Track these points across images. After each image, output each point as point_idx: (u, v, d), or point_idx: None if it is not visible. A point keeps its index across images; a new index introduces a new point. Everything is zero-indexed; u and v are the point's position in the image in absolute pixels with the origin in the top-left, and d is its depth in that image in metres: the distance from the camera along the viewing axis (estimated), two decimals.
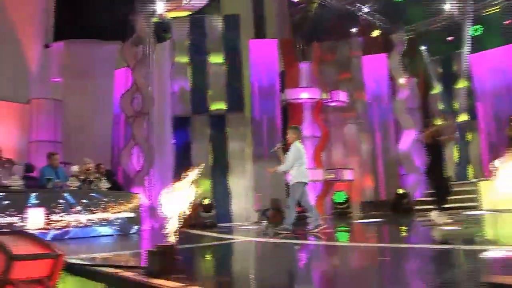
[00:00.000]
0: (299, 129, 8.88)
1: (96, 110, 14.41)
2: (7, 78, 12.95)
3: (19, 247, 3.22)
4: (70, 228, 8.59)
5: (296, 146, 8.29)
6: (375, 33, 18.17)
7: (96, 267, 4.20)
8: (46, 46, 14.74)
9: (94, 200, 9.13)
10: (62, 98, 14.13)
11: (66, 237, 8.48)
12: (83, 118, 14.02)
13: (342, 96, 16.28)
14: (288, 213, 8.28)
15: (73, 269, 4.11)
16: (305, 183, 8.36)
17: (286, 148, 8.45)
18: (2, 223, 7.49)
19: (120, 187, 11.27)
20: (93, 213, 9.02)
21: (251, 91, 14.52)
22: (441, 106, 18.76)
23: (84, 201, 8.92)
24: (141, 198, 10.61)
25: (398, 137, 17.19)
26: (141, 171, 12.69)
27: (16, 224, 7.69)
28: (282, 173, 8.49)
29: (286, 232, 8.02)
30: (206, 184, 13.41)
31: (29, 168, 10.20)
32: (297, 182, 8.18)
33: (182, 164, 13.38)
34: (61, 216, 8.44)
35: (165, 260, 3.72)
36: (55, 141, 13.45)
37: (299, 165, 8.23)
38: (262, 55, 14.79)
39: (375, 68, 17.43)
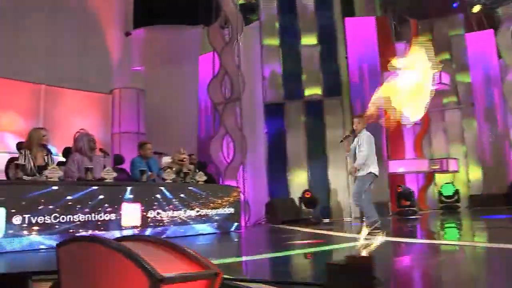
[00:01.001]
0: (365, 117, 7.77)
1: (180, 98, 13.58)
2: (89, 68, 12.47)
3: (161, 263, 2.15)
4: (168, 226, 7.60)
5: (368, 134, 7.51)
6: (476, 8, 16.38)
7: (249, 284, 3.06)
8: (127, 33, 14.20)
9: (192, 194, 8.10)
10: (145, 87, 13.37)
11: (163, 236, 7.50)
12: (166, 108, 13.26)
13: (444, 78, 14.62)
14: (368, 211, 7.35)
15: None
16: (376, 176, 7.39)
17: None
18: (98, 220, 6.60)
19: (214, 179, 10.23)
20: (192, 209, 8.00)
21: (349, 74, 13.12)
22: None
23: (182, 195, 7.90)
24: (240, 192, 9.53)
25: (508, 122, 15.39)
26: (232, 163, 11.65)
27: (113, 221, 6.78)
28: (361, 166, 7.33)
29: (377, 230, 6.81)
30: (303, 177, 12.20)
31: (118, 159, 9.33)
32: (369, 172, 7.25)
33: (275, 155, 12.28)
34: (158, 213, 7.47)
35: (360, 278, 2.54)
36: (138, 132, 12.69)
37: (372, 154, 7.42)
38: (360, 35, 13.35)
39: (480, 46, 15.62)
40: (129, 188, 7.10)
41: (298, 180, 12.19)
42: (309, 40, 12.97)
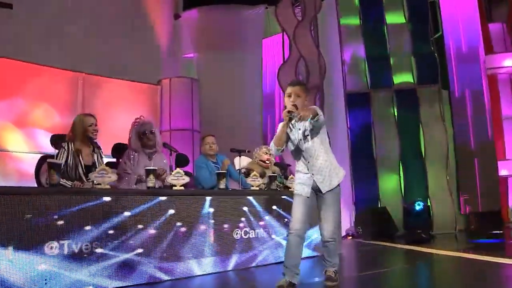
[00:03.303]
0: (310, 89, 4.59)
1: (240, 89, 11.82)
2: (135, 55, 10.91)
3: None
4: (259, 250, 5.51)
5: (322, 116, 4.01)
6: None
7: None
8: (176, 16, 12.73)
9: (286, 205, 5.95)
10: (198, 76, 11.66)
11: (252, 264, 5.42)
12: (225, 100, 11.51)
13: None
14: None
15: None
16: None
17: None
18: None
19: None
20: (286, 226, 5.89)
21: (445, 58, 10.92)
22: None
23: (275, 207, 5.79)
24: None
25: None
26: None
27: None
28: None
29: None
30: (394, 181, 10.02)
31: (182, 159, 7.23)
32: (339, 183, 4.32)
33: (360, 154, 10.18)
34: (246, 232, 5.38)
35: None
36: (192, 130, 10.78)
37: (328, 149, 4.32)
38: (457, 10, 11.13)
39: None
40: (208, 199, 5.02)
41: (389, 185, 10.04)
42: (396, 18, 10.79)
